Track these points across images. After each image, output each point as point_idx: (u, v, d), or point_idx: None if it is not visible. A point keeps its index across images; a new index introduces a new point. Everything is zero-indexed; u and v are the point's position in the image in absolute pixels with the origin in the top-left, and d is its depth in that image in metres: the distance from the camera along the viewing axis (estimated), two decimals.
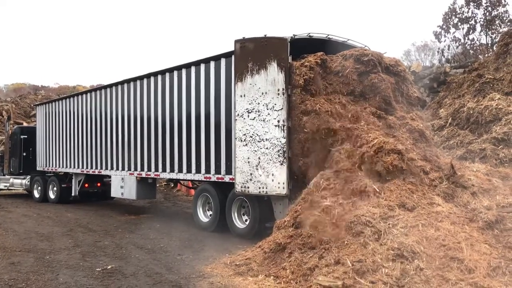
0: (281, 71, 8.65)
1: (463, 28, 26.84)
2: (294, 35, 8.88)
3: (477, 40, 27.07)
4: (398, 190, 6.99)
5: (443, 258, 5.74)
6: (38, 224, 11.83)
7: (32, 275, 6.84)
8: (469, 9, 26.44)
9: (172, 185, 19.00)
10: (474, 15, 26.40)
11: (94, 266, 7.39)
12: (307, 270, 6.07)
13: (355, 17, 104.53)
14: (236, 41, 9.17)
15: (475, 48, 26.83)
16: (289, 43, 8.69)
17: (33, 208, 15.33)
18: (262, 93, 8.84)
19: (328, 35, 9.67)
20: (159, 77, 12.20)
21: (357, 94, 8.86)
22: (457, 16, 26.69)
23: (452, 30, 27.04)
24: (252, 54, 8.98)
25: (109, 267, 7.29)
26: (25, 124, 24.46)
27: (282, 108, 8.62)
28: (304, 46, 9.09)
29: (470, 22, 26.52)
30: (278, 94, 8.67)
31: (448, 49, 27.59)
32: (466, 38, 26.90)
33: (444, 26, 27.08)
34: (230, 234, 9.88)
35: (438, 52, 28.92)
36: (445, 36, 27.22)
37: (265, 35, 8.94)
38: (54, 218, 13.03)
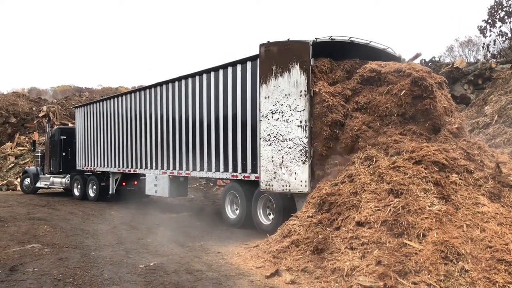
0: (304, 73, 8.90)
1: (510, 22, 25.78)
2: (316, 38, 9.11)
3: None
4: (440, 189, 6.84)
5: (490, 260, 5.56)
6: (84, 222, 12.23)
7: (79, 270, 7.08)
8: None
9: (212, 184, 19.20)
10: None
11: (137, 262, 7.57)
12: (348, 270, 6.02)
13: (398, 13, 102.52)
14: (261, 45, 9.51)
15: None
16: (311, 46, 8.93)
17: (78, 206, 15.86)
18: (285, 95, 9.11)
19: (350, 37, 9.85)
20: (190, 80, 12.56)
21: (407, 117, 8.69)
22: (504, 9, 25.62)
23: (498, 24, 26.01)
24: (276, 57, 9.29)
25: (151, 264, 7.45)
26: (70, 125, 25.31)
27: (304, 109, 8.89)
28: (326, 49, 9.35)
29: None
30: (301, 95, 8.93)
31: (494, 44, 26.59)
32: None
33: (489, 20, 26.08)
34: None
35: (483, 47, 27.91)
36: (490, 30, 26.15)
37: (288, 39, 9.20)
38: (98, 216, 13.44)
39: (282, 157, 9.13)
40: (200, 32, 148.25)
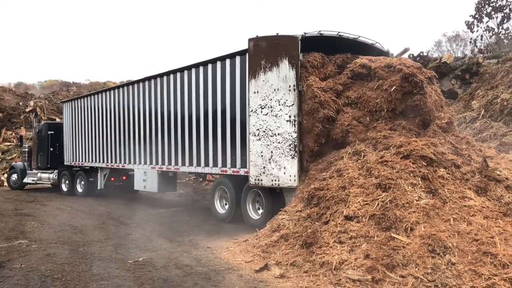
0: (292, 68, 8.92)
1: (497, 17, 26.02)
2: (305, 33, 9.13)
3: None
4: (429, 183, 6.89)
5: (476, 253, 5.63)
6: (72, 217, 12.15)
7: (67, 266, 7.04)
8: None
9: (201, 179, 19.18)
10: (509, 4, 25.52)
11: (126, 258, 7.55)
12: (337, 264, 6.06)
13: (385, 7, 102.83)
14: (250, 40, 9.48)
15: (509, 37, 26.01)
16: (299, 41, 8.93)
17: (66, 201, 15.75)
18: (274, 90, 9.13)
19: (339, 32, 9.86)
20: (178, 74, 12.50)
21: (397, 112, 8.73)
22: (491, 4, 25.87)
23: (485, 19, 26.26)
24: (264, 52, 9.29)
25: (140, 259, 7.43)
26: (57, 120, 25.06)
27: (293, 104, 8.92)
28: (315, 43, 9.34)
29: (505, 11, 25.67)
30: (290, 90, 8.96)
31: (481, 39, 26.86)
32: (500, 27, 26.08)
33: (476, 16, 26.33)
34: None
35: (470, 42, 28.19)
36: (477, 25, 26.44)
37: (277, 34, 9.20)
38: (86, 211, 13.36)
39: (271, 152, 9.16)
40: (198, 29, 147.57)
